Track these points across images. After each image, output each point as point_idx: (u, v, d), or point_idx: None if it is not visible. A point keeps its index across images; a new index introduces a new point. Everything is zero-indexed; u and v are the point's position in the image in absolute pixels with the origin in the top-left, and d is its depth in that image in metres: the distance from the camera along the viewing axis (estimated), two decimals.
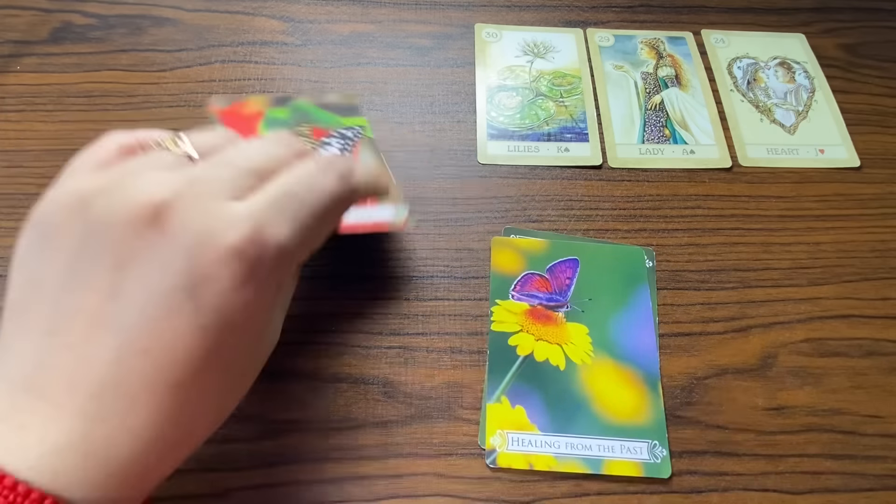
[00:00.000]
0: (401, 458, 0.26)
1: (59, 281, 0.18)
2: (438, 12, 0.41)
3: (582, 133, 0.36)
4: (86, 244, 0.18)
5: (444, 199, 0.33)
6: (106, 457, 0.17)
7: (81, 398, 0.17)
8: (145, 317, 0.17)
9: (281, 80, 0.37)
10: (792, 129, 0.38)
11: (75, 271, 0.18)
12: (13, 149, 0.33)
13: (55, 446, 0.16)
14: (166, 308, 0.17)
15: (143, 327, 0.17)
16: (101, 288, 0.17)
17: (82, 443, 0.17)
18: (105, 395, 0.17)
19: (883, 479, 0.27)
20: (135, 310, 0.17)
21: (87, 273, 0.18)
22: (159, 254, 0.17)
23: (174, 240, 0.18)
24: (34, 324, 0.18)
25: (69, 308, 0.17)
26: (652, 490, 0.26)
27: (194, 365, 0.18)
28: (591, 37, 0.41)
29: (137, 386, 0.17)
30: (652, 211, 0.34)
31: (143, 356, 0.17)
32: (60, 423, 0.17)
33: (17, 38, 0.37)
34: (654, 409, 0.28)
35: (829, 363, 0.30)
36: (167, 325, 0.17)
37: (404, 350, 0.29)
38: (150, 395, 0.17)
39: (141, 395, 0.17)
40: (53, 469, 0.16)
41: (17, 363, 0.17)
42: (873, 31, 0.42)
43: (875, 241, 0.34)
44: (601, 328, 0.30)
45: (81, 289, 0.18)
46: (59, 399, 0.17)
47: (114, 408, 0.17)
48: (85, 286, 0.17)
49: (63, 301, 0.18)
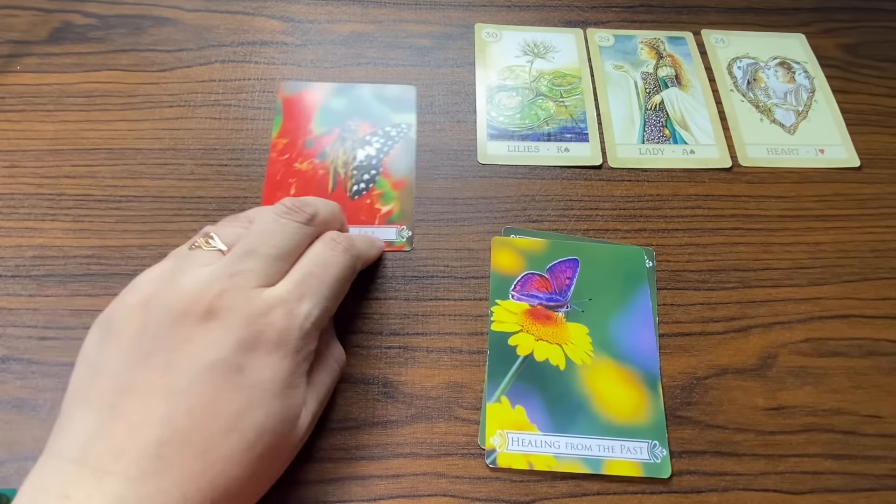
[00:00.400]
0: (401, 458, 0.26)
1: (120, 365, 0.20)
2: (438, 12, 0.41)
3: (582, 133, 0.36)
4: (146, 334, 0.21)
5: (444, 199, 0.33)
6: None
7: (126, 462, 0.19)
8: (195, 383, 0.20)
9: (281, 80, 0.37)
10: (792, 129, 0.38)
11: (136, 356, 0.20)
12: (13, 149, 0.33)
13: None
14: (213, 375, 0.20)
15: (191, 392, 0.20)
16: (158, 366, 0.20)
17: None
18: (147, 455, 0.19)
19: (883, 479, 0.27)
20: (186, 379, 0.20)
21: (146, 356, 0.20)
22: (211, 335, 0.21)
23: (223, 323, 0.21)
24: (94, 402, 0.20)
25: (127, 384, 0.20)
26: (652, 490, 0.26)
27: (227, 422, 0.20)
28: (591, 37, 0.41)
29: (176, 444, 0.19)
30: (652, 211, 0.34)
31: (187, 415, 0.20)
32: (103, 489, 0.18)
33: (17, 38, 0.37)
34: (654, 409, 0.28)
35: (829, 363, 0.30)
36: (211, 388, 0.20)
37: (404, 350, 0.29)
38: (182, 455, 0.19)
39: (176, 454, 0.19)
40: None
41: (72, 438, 0.19)
42: (873, 31, 0.42)
43: (875, 241, 0.34)
44: (601, 328, 0.30)
45: (140, 368, 0.20)
46: (107, 467, 0.19)
47: (151, 467, 0.19)
48: (144, 366, 0.20)
49: (122, 379, 0.20)
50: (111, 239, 0.31)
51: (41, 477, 0.19)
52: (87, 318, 0.29)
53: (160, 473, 0.19)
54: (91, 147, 0.34)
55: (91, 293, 0.29)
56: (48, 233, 0.31)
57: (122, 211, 0.32)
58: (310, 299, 0.23)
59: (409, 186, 0.33)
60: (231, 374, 0.21)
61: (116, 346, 0.21)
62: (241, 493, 0.21)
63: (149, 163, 0.33)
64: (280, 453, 0.22)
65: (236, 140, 0.35)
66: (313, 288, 0.23)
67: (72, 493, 0.18)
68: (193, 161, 0.34)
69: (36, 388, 0.27)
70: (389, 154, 0.34)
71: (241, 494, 0.21)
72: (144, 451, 0.19)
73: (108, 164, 0.33)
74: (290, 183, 0.33)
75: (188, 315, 0.21)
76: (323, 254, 0.25)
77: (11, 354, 0.28)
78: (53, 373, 0.27)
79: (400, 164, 0.34)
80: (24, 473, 0.25)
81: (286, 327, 0.22)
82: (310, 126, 0.35)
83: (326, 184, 0.33)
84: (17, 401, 0.27)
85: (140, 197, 0.32)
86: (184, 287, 0.22)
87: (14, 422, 0.26)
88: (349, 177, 0.33)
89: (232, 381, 0.21)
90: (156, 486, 0.19)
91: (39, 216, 0.31)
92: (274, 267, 0.23)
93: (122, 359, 0.21)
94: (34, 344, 0.28)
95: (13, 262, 0.30)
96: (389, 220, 0.32)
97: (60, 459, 0.19)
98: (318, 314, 0.23)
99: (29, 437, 0.26)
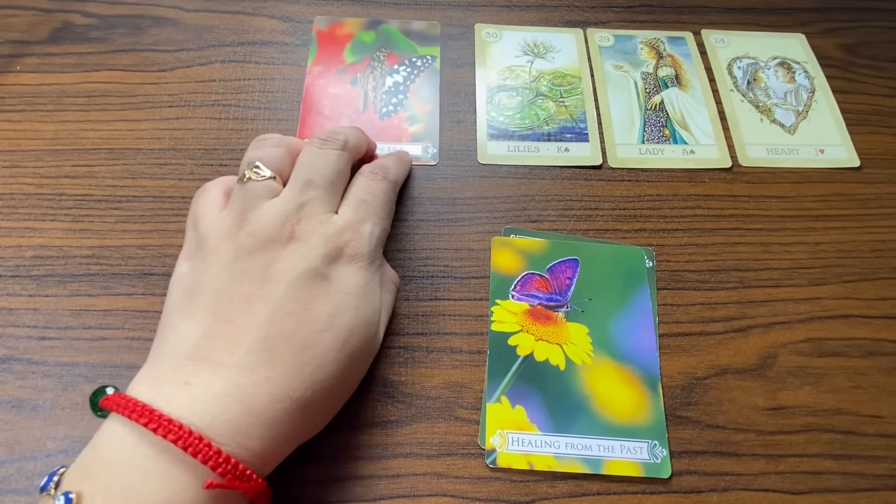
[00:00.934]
0: (401, 458, 0.26)
1: (220, 282, 0.23)
2: (438, 12, 0.41)
3: (582, 133, 0.36)
4: (238, 259, 0.24)
5: (444, 199, 0.33)
6: (252, 405, 0.21)
7: (238, 355, 0.22)
8: (292, 289, 0.23)
9: (281, 79, 0.37)
10: (792, 129, 0.38)
11: (233, 275, 0.23)
12: (13, 149, 0.33)
13: (215, 394, 0.21)
14: (305, 282, 0.24)
15: (289, 297, 0.23)
16: (255, 280, 0.23)
17: (235, 390, 0.21)
18: (256, 350, 0.22)
19: (883, 479, 0.27)
20: (283, 287, 0.23)
21: (241, 274, 0.23)
22: (297, 253, 0.24)
23: (306, 244, 0.24)
24: (198, 312, 0.23)
25: (229, 296, 0.23)
26: (652, 490, 0.26)
27: (322, 322, 0.23)
28: (591, 37, 0.41)
29: (280, 341, 0.22)
30: (652, 211, 0.34)
31: (289, 317, 0.23)
32: (219, 376, 0.21)
33: (17, 38, 0.37)
34: (653, 409, 0.28)
35: (829, 363, 0.30)
36: (306, 294, 0.23)
37: (404, 350, 0.29)
38: (285, 351, 0.22)
39: (280, 349, 0.22)
40: (212, 414, 0.20)
41: (183, 340, 0.22)
42: (873, 31, 0.42)
43: (875, 241, 0.34)
44: (601, 328, 0.30)
45: (238, 283, 0.23)
46: (221, 359, 0.22)
47: (260, 359, 0.22)
48: (241, 281, 0.23)
49: (224, 292, 0.23)
50: (111, 239, 0.31)
51: (157, 370, 0.22)
52: (87, 318, 0.29)
53: (268, 365, 0.22)
54: (91, 147, 0.34)
55: (91, 293, 0.29)
56: (48, 233, 0.31)
57: (122, 211, 0.32)
58: (369, 220, 0.27)
59: (434, 110, 0.37)
60: (321, 282, 0.24)
61: (212, 270, 0.24)
62: (335, 390, 0.24)
63: (149, 163, 0.33)
64: (364, 356, 0.26)
65: (236, 140, 0.35)
66: (368, 212, 0.27)
67: (191, 380, 0.21)
68: (193, 161, 0.34)
69: (36, 388, 0.27)
70: (415, 82, 0.38)
71: (335, 392, 0.24)
72: (254, 346, 0.22)
73: (108, 164, 0.33)
74: (324, 105, 0.36)
75: (276, 241, 0.24)
76: (368, 184, 0.28)
77: (11, 354, 0.28)
78: (53, 373, 0.27)
79: (425, 91, 0.37)
80: (25, 473, 0.25)
81: (358, 243, 0.26)
82: (342, 56, 0.38)
83: (358, 106, 0.37)
84: (17, 401, 0.27)
85: (140, 197, 0.32)
86: (265, 219, 0.25)
87: (14, 422, 0.26)
88: (378, 100, 0.37)
89: (322, 288, 0.24)
90: (265, 375, 0.22)
91: (39, 216, 0.31)
92: (330, 192, 0.27)
93: (221, 278, 0.24)
94: (34, 344, 0.28)
95: (13, 262, 0.30)
96: (416, 139, 0.35)
97: (173, 357, 0.22)
98: (378, 232, 0.27)
99: (29, 437, 0.26)
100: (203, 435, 0.20)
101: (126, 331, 0.28)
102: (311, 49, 0.38)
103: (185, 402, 0.20)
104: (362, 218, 0.27)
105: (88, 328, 0.28)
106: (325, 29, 0.39)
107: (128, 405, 0.20)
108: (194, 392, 0.21)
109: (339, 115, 0.36)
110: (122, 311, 0.29)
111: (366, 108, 0.36)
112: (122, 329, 0.29)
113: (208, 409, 0.20)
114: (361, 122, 0.36)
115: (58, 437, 0.26)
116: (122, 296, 0.29)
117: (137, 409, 0.20)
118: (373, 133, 0.34)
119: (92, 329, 0.28)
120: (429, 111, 0.37)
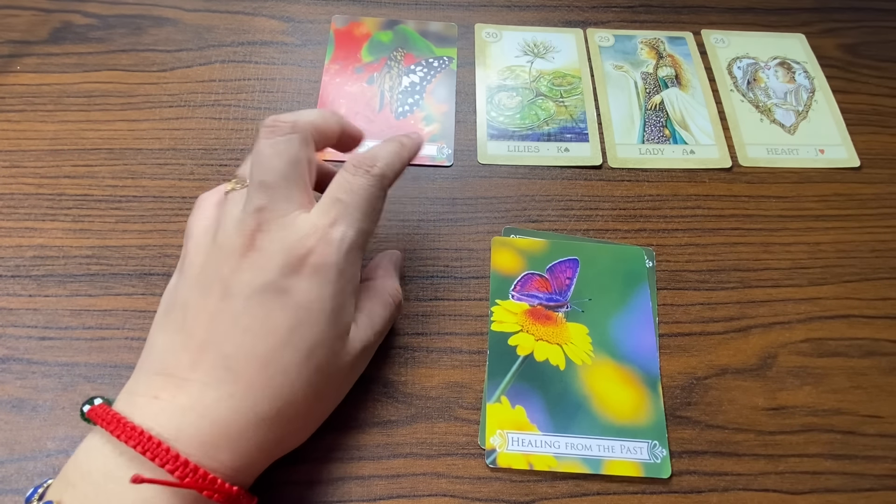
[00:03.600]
0: (401, 458, 0.26)
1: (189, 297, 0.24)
2: (438, 12, 0.41)
3: (582, 133, 0.36)
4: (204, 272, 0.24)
5: (444, 199, 0.33)
6: (215, 418, 0.21)
7: (201, 371, 0.22)
8: (249, 304, 0.23)
9: (281, 79, 0.37)
10: (792, 129, 0.38)
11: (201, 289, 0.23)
12: (13, 149, 0.33)
13: (181, 408, 0.21)
14: (263, 298, 0.23)
15: (246, 312, 0.22)
16: (217, 294, 0.23)
17: (199, 405, 0.21)
18: (218, 367, 0.22)
19: (883, 479, 0.27)
20: (241, 301, 0.23)
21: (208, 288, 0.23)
22: (255, 265, 0.23)
23: (264, 253, 0.23)
24: (171, 324, 0.23)
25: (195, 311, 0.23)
26: (652, 490, 0.26)
27: (280, 338, 0.22)
28: (591, 37, 0.41)
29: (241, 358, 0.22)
30: (652, 211, 0.34)
31: (247, 333, 0.22)
32: (184, 391, 0.21)
33: (17, 38, 0.37)
34: (653, 410, 0.28)
35: (829, 363, 0.30)
36: (264, 309, 0.23)
37: (404, 350, 0.29)
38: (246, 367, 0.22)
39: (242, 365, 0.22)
40: (178, 427, 0.21)
41: (156, 354, 0.23)
42: (873, 31, 0.42)
43: (875, 241, 0.34)
44: (601, 328, 0.30)
45: (205, 297, 0.23)
46: (185, 375, 0.22)
47: (223, 376, 0.22)
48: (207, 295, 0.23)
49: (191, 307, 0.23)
50: (111, 239, 0.31)
51: (134, 385, 0.23)
52: (87, 318, 0.29)
53: (230, 382, 0.22)
54: (91, 147, 0.34)
55: (91, 293, 0.29)
56: (48, 233, 0.31)
57: (122, 211, 0.32)
58: (342, 223, 0.24)
59: (450, 111, 0.37)
60: (279, 296, 0.23)
61: (186, 284, 0.24)
62: (306, 407, 0.23)
63: (149, 163, 0.33)
64: (336, 371, 0.24)
65: (236, 140, 0.35)
66: (343, 213, 0.25)
67: (160, 394, 0.21)
68: (193, 161, 0.34)
69: (36, 388, 0.27)
70: (432, 82, 0.38)
71: (306, 408, 0.23)
72: (215, 363, 0.22)
73: (108, 164, 0.33)
74: (340, 103, 0.37)
75: (235, 251, 0.23)
76: (346, 180, 0.26)
77: (11, 354, 0.28)
78: (53, 373, 0.27)
79: (441, 91, 0.38)
80: (25, 473, 0.25)
81: (324, 251, 0.24)
82: (359, 55, 0.38)
83: (374, 105, 0.37)
84: (17, 401, 0.27)
85: (140, 197, 0.32)
86: (228, 229, 0.24)
87: (14, 422, 0.26)
88: (395, 100, 0.37)
89: (280, 302, 0.23)
90: (227, 391, 0.22)
91: (39, 216, 0.31)
92: (289, 188, 0.24)
93: (192, 292, 0.24)
94: (34, 344, 0.28)
95: (13, 262, 0.30)
96: (431, 139, 0.35)
97: (147, 372, 0.23)
98: (352, 236, 0.24)
99: (29, 437, 0.26)
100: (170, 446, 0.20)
101: (126, 331, 0.28)
102: (328, 48, 0.39)
103: (153, 414, 0.21)
104: (334, 220, 0.24)
105: (88, 328, 0.28)
106: (343, 28, 0.39)
107: (105, 416, 0.21)
108: (162, 405, 0.21)
109: (354, 114, 0.36)
110: (122, 311, 0.29)
111: (382, 108, 0.37)
112: (122, 329, 0.29)
113: (174, 422, 0.21)
114: (377, 122, 0.36)
115: (58, 437, 0.26)
116: (122, 296, 0.29)
117: (108, 418, 0.21)
118: (389, 133, 0.33)
119: (92, 329, 0.28)
120: (445, 112, 0.37)
